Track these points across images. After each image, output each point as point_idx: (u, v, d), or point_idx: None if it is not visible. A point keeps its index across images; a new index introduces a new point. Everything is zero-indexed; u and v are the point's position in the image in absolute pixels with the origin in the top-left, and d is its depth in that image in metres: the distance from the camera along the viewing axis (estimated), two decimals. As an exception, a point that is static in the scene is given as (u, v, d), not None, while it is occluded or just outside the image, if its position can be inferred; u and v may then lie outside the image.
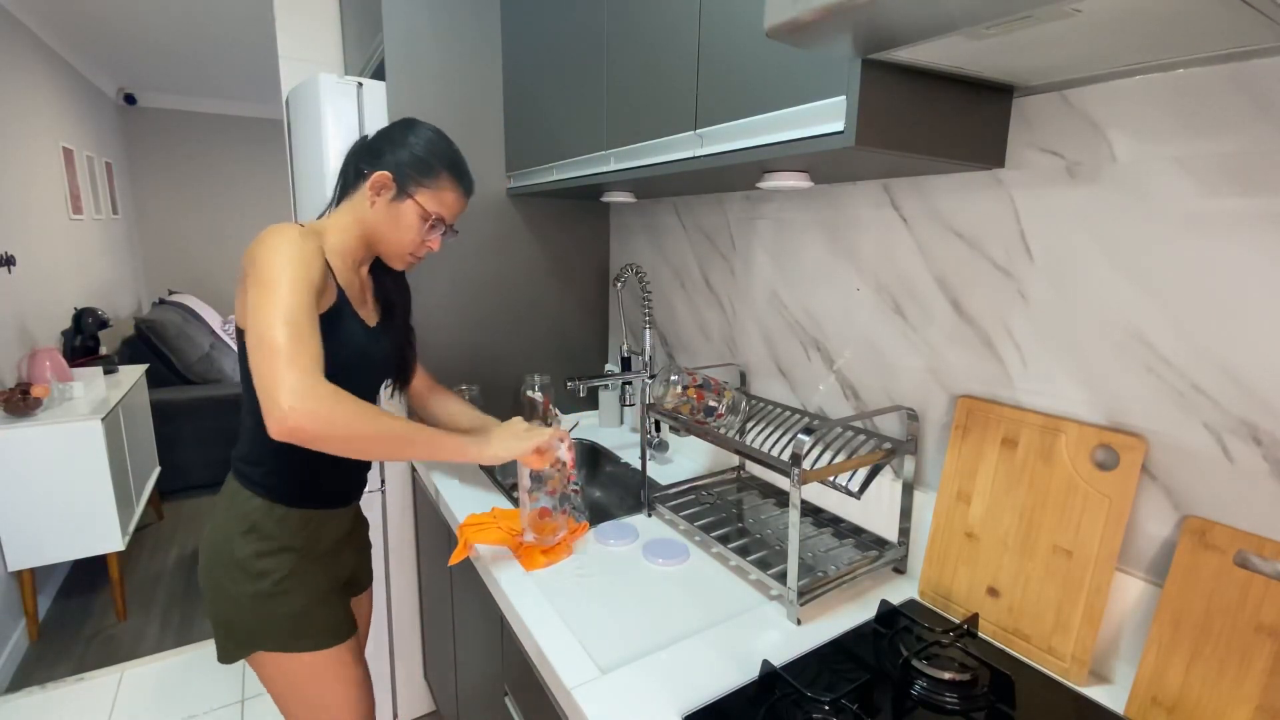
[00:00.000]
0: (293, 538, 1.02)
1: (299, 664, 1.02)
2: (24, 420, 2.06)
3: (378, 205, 1.02)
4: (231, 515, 1.01)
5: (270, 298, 0.83)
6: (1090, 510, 0.79)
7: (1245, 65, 0.66)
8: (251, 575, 0.99)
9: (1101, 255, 0.79)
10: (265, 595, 0.99)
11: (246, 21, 3.20)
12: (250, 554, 0.99)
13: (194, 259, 5.09)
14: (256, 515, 1.00)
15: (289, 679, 1.03)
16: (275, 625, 1.00)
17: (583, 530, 1.17)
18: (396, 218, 1.03)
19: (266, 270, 0.85)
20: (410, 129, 1.05)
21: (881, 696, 0.78)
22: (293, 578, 1.01)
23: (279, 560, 1.00)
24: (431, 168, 1.03)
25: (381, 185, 1.01)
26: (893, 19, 0.57)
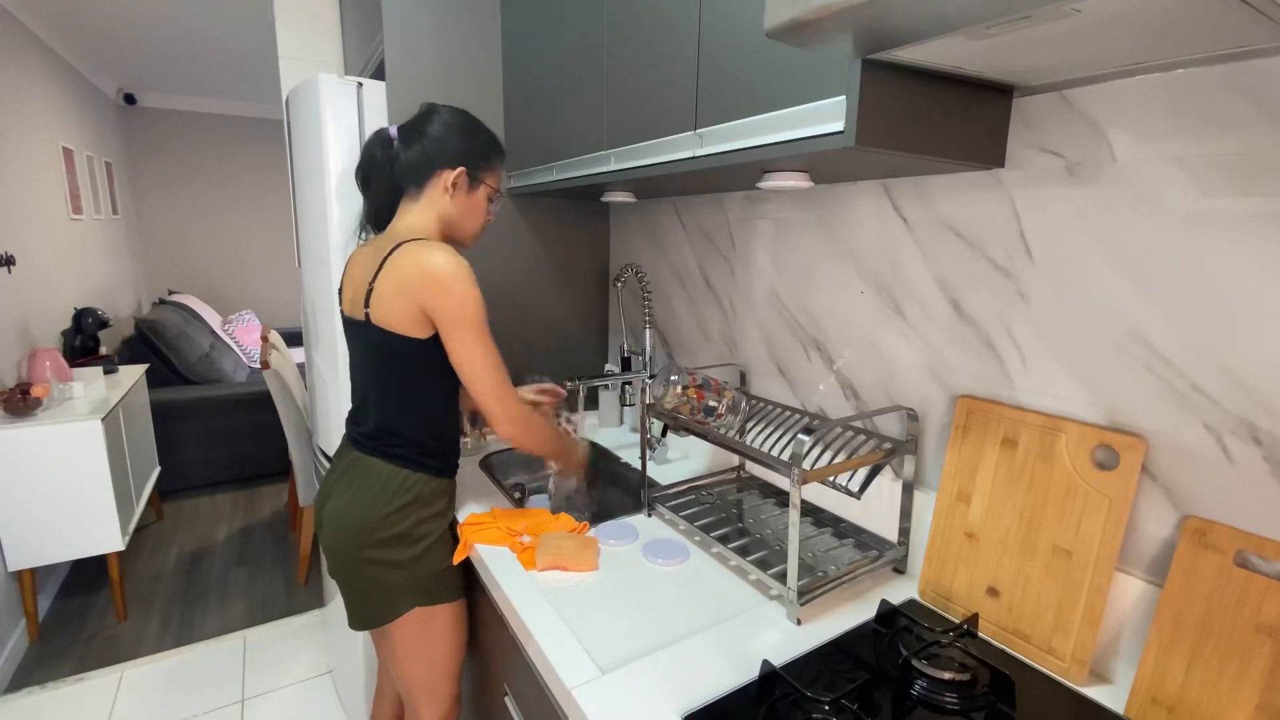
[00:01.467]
0: (444, 504, 1.16)
1: (441, 613, 1.14)
2: (24, 420, 2.06)
3: (456, 198, 1.12)
4: (386, 494, 1.09)
5: (478, 337, 1.03)
6: (1090, 510, 0.79)
7: (1245, 65, 0.66)
8: (413, 541, 1.10)
9: (1101, 255, 0.79)
10: (421, 556, 1.11)
11: (246, 21, 3.20)
12: (414, 522, 1.10)
13: (194, 259, 5.09)
14: (419, 488, 1.11)
15: (429, 629, 1.14)
16: (429, 580, 1.12)
17: (583, 530, 1.17)
18: (473, 205, 1.15)
19: (467, 308, 1.02)
20: (477, 128, 1.14)
21: (881, 696, 0.78)
22: (444, 538, 1.15)
23: (435, 524, 1.13)
24: (488, 154, 1.15)
25: (456, 179, 1.11)
26: (893, 19, 0.57)
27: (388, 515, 1.08)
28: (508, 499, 1.33)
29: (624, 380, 1.67)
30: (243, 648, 2.21)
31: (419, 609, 1.12)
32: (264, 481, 3.63)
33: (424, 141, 1.10)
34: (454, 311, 1.01)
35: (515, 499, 1.34)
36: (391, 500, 1.09)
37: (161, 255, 4.97)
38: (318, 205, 1.48)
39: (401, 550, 1.09)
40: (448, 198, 1.11)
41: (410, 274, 1.01)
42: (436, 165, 1.10)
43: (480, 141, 1.13)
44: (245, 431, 3.46)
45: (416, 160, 1.10)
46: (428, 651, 1.15)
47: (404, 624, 1.12)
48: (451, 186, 1.11)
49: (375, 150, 1.12)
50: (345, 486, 1.12)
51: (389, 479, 1.10)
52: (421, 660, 1.15)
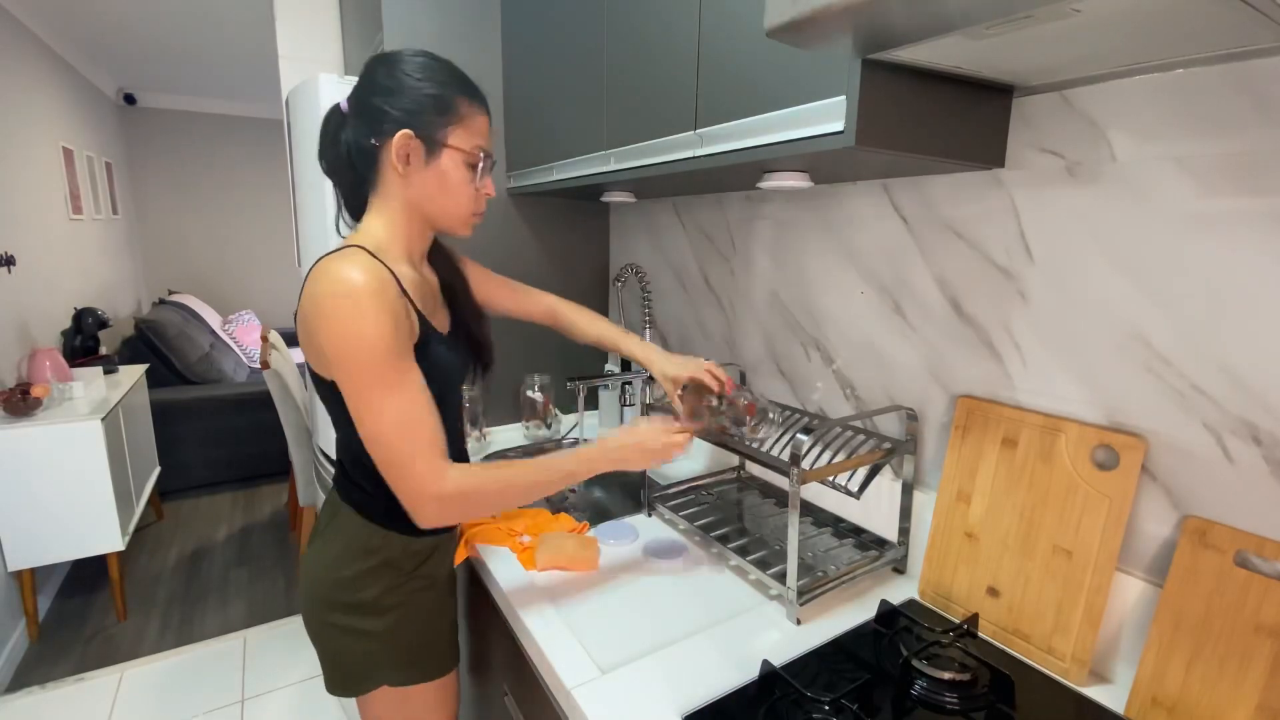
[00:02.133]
0: (421, 567, 0.96)
1: (417, 694, 0.97)
2: (24, 420, 2.06)
3: (411, 175, 0.85)
4: (354, 552, 0.91)
5: (370, 398, 0.76)
6: (1090, 510, 0.79)
7: (1245, 65, 0.66)
8: (381, 610, 0.92)
9: (1101, 255, 0.79)
10: (395, 629, 0.93)
11: (246, 21, 3.20)
12: (382, 590, 0.92)
13: (194, 259, 5.09)
14: (388, 551, 0.92)
15: (407, 709, 0.97)
16: (404, 658, 0.95)
17: (583, 530, 1.17)
18: (440, 179, 0.86)
19: (353, 356, 0.75)
20: (391, 65, 0.84)
21: (881, 696, 0.78)
22: (422, 608, 0.97)
23: (407, 592, 0.94)
24: (446, 99, 0.84)
25: (405, 149, 0.83)
26: (893, 19, 0.57)
27: (353, 577, 0.91)
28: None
29: (624, 380, 1.67)
30: (243, 648, 2.21)
31: (389, 688, 0.95)
32: (264, 481, 3.63)
33: (357, 106, 0.85)
34: (332, 351, 0.76)
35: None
36: (355, 561, 0.91)
37: (161, 255, 4.97)
38: (317, 205, 1.48)
39: (371, 620, 0.92)
40: (399, 177, 0.85)
41: (304, 303, 0.79)
42: (376, 135, 0.84)
43: (430, 88, 0.83)
44: (245, 431, 3.46)
45: (358, 137, 0.85)
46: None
47: (375, 701, 0.96)
48: (398, 161, 0.83)
49: (327, 130, 0.89)
50: (321, 535, 0.96)
51: (354, 535, 0.92)
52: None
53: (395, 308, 0.79)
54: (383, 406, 0.77)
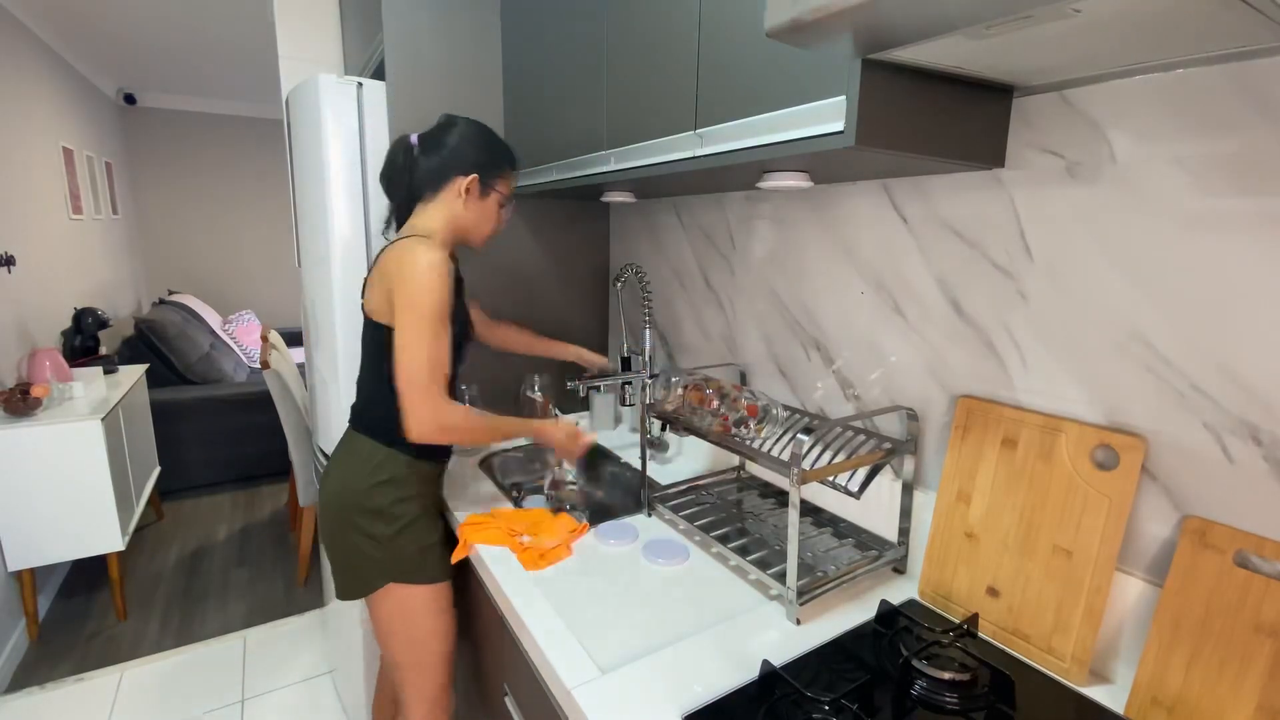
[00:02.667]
0: (422, 486, 1.18)
1: (417, 594, 1.16)
2: (24, 420, 2.06)
3: (469, 204, 1.19)
4: (367, 469, 1.15)
5: (420, 327, 1.04)
6: (1090, 510, 0.79)
7: (1245, 65, 0.66)
8: (388, 518, 1.14)
9: (1101, 255, 0.79)
10: (397, 535, 1.14)
11: (246, 21, 3.20)
12: (389, 500, 1.14)
13: (194, 259, 5.08)
14: (396, 468, 1.15)
15: (405, 608, 1.16)
16: (405, 560, 1.15)
17: (583, 530, 1.17)
18: (484, 211, 1.22)
19: (420, 296, 1.04)
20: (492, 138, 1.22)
21: (881, 696, 0.78)
22: (420, 520, 1.17)
23: (411, 505, 1.16)
24: (501, 163, 1.22)
25: (473, 187, 1.18)
26: (893, 19, 0.57)
27: (368, 488, 1.14)
28: (508, 499, 1.33)
29: (624, 380, 1.67)
30: (243, 648, 2.21)
31: (394, 585, 1.15)
32: (264, 481, 3.63)
33: (442, 152, 1.17)
34: (406, 297, 1.05)
35: (515, 499, 1.34)
36: (371, 474, 1.14)
37: (161, 255, 4.96)
38: (318, 205, 1.48)
39: (379, 525, 1.14)
40: (460, 202, 1.18)
41: (389, 265, 1.09)
42: (452, 173, 1.17)
43: (494, 152, 1.21)
44: (245, 431, 3.46)
45: (434, 169, 1.17)
46: (407, 630, 1.17)
47: (382, 600, 1.16)
48: (465, 192, 1.17)
49: (397, 156, 1.19)
50: (339, 459, 1.20)
51: (370, 453, 1.15)
52: (403, 638, 1.17)
53: (448, 279, 1.09)
54: (426, 344, 1.04)
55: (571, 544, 1.13)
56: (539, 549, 1.09)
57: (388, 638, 1.18)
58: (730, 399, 1.12)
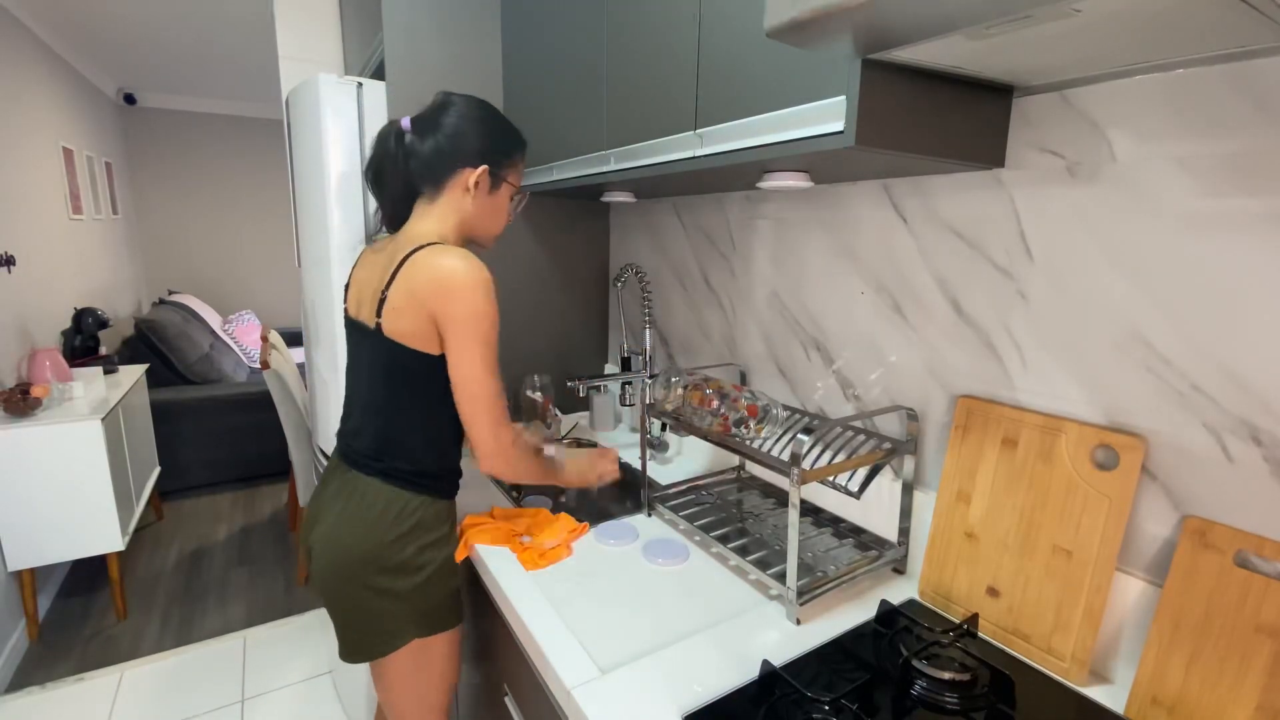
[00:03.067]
0: (445, 527, 1.08)
1: (439, 643, 1.08)
2: (24, 420, 2.06)
3: (477, 198, 1.04)
4: (386, 520, 1.01)
5: (482, 350, 0.95)
6: (1090, 510, 0.79)
7: (1245, 65, 0.66)
8: (412, 570, 1.02)
9: (1101, 255, 0.79)
10: (423, 585, 1.03)
11: (246, 21, 3.20)
12: (416, 549, 1.03)
13: (194, 259, 5.08)
14: (421, 513, 1.04)
15: (425, 659, 1.07)
16: (431, 611, 1.05)
17: (583, 530, 1.17)
18: (495, 204, 1.07)
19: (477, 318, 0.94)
20: (503, 122, 1.07)
21: (881, 696, 0.78)
22: (445, 564, 1.07)
23: (436, 551, 1.05)
24: (510, 149, 1.07)
25: (479, 179, 1.03)
26: (893, 19, 0.57)
27: (390, 542, 1.01)
28: (508, 499, 1.33)
29: (624, 380, 1.67)
30: (243, 648, 2.21)
31: (425, 638, 1.06)
32: (264, 481, 3.63)
33: (439, 136, 1.01)
34: (461, 319, 0.94)
35: (515, 499, 1.34)
36: (393, 526, 1.01)
37: (161, 255, 4.96)
38: (318, 205, 1.48)
39: (403, 579, 1.02)
40: (469, 199, 1.03)
41: (423, 280, 0.94)
42: (457, 164, 1.02)
43: (502, 136, 1.05)
44: (245, 431, 3.46)
45: (433, 157, 1.01)
46: (421, 682, 1.09)
47: (400, 655, 1.05)
48: (473, 186, 1.02)
49: (388, 144, 1.03)
50: (340, 509, 1.03)
51: (390, 502, 1.02)
52: (414, 692, 1.09)
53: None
54: (488, 366, 0.96)
55: (571, 544, 1.13)
56: (539, 549, 1.09)
57: (401, 691, 1.09)
58: (730, 399, 1.12)
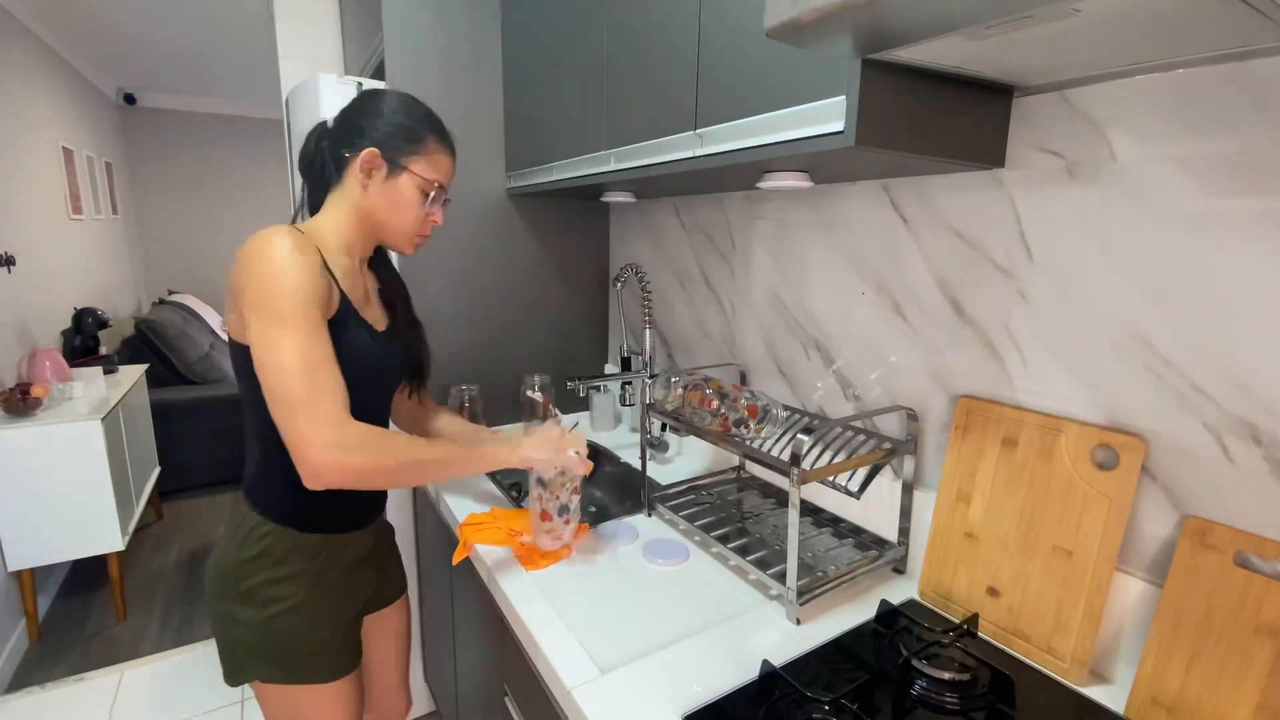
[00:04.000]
0: (305, 564, 0.96)
1: (298, 695, 0.97)
2: (24, 420, 2.06)
3: (371, 188, 0.95)
4: (239, 540, 0.94)
5: (278, 335, 0.79)
6: (1090, 510, 0.79)
7: (1245, 65, 0.66)
8: (258, 603, 0.93)
9: (1101, 255, 0.79)
10: (270, 624, 0.93)
11: (246, 21, 3.20)
12: (259, 581, 0.93)
13: (194, 259, 5.09)
14: (267, 541, 0.93)
15: (285, 709, 0.99)
16: (278, 655, 0.95)
17: (583, 530, 1.17)
18: (395, 197, 0.96)
19: (268, 296, 0.80)
20: (377, 98, 0.98)
21: (881, 696, 0.78)
22: (303, 607, 0.95)
23: (288, 588, 0.94)
24: (417, 132, 0.96)
25: (371, 165, 0.94)
26: (893, 19, 0.57)
27: (236, 564, 0.94)
28: (508, 499, 1.33)
29: (624, 380, 1.67)
30: (243, 648, 2.21)
31: (274, 685, 0.96)
32: (264, 481, 3.63)
33: (340, 122, 0.97)
34: (251, 292, 0.81)
35: (515, 499, 1.34)
36: (241, 548, 0.94)
37: (161, 255, 4.97)
38: (318, 205, 1.48)
39: (248, 610, 0.93)
40: (360, 186, 0.95)
41: (232, 270, 0.84)
42: (345, 146, 0.95)
43: (404, 121, 0.96)
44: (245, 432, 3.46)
45: (331, 142, 0.97)
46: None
47: (263, 694, 0.97)
48: (363, 172, 0.94)
49: (311, 138, 1.00)
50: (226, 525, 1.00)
51: (242, 523, 0.95)
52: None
53: (313, 269, 0.84)
54: (288, 346, 0.79)
55: (572, 543, 1.13)
56: (542, 548, 1.09)
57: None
58: (730, 399, 1.13)
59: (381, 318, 1.05)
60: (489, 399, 1.71)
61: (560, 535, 1.09)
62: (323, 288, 0.86)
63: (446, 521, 1.34)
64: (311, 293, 0.83)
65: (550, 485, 1.07)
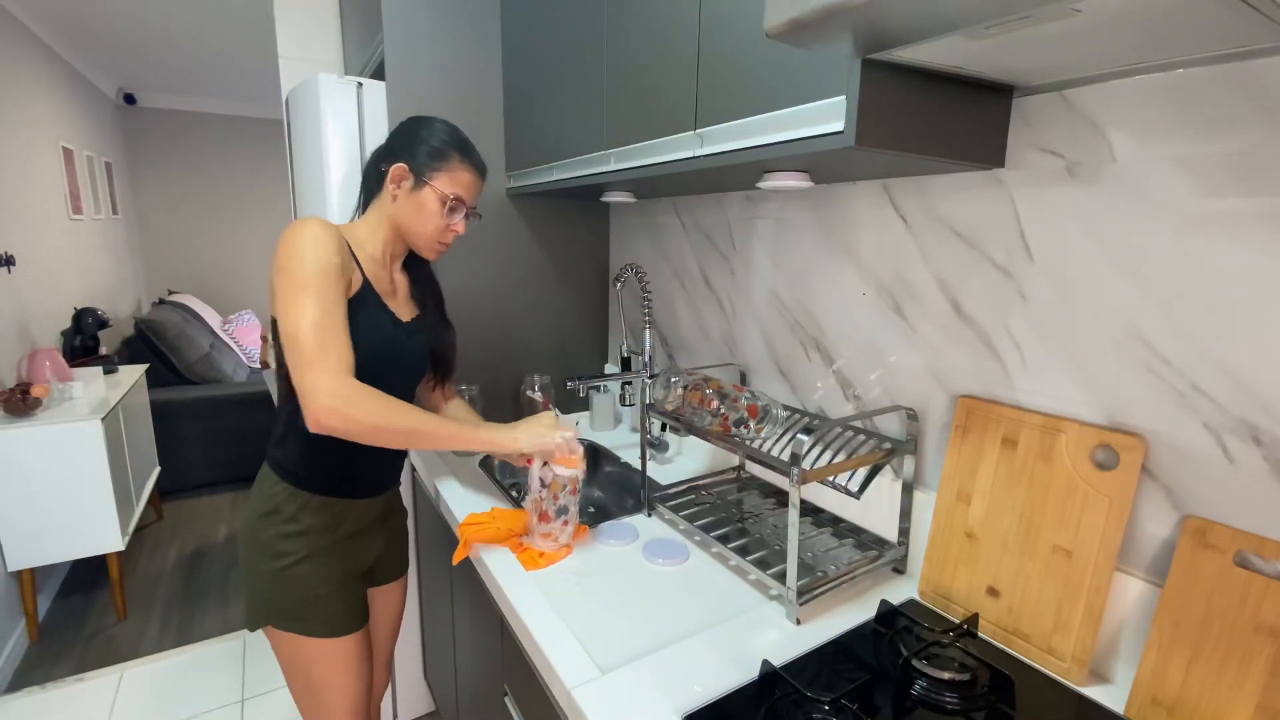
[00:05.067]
0: (310, 523, 1.06)
1: (304, 645, 1.07)
2: (24, 420, 2.06)
3: (400, 198, 1.08)
4: (259, 497, 1.07)
5: (297, 295, 0.90)
6: (1090, 510, 0.79)
7: (1245, 65, 0.66)
8: (271, 555, 1.04)
9: (1101, 255, 0.79)
10: (281, 575, 1.04)
11: (246, 21, 3.20)
12: (272, 535, 1.04)
13: (194, 259, 5.08)
14: (279, 499, 1.05)
15: (293, 657, 1.08)
16: (288, 606, 1.05)
17: (582, 531, 1.17)
18: (418, 206, 1.08)
19: (290, 263, 0.91)
20: (420, 123, 1.11)
21: (881, 696, 0.78)
22: (308, 561, 1.05)
23: (296, 544, 1.05)
24: (442, 152, 1.08)
25: (400, 177, 1.07)
26: (892, 19, 0.57)
27: (255, 518, 1.06)
28: (508, 499, 1.33)
29: (624, 380, 1.67)
30: (243, 648, 2.21)
31: (285, 632, 1.05)
32: (264, 481, 3.63)
33: (386, 142, 1.12)
34: (278, 267, 0.93)
35: (515, 499, 1.34)
36: (258, 504, 1.06)
37: (161, 255, 4.96)
38: (318, 205, 1.48)
39: (263, 561, 1.05)
40: (390, 197, 1.09)
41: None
42: (379, 162, 1.11)
43: (429, 138, 1.08)
44: (245, 431, 3.46)
45: (376, 160, 1.12)
46: (299, 679, 1.09)
47: (276, 640, 1.07)
48: (394, 184, 1.08)
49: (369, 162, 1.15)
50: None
51: (261, 480, 1.08)
52: (296, 686, 1.10)
53: (332, 247, 0.95)
54: (306, 308, 0.90)
55: (571, 544, 1.13)
56: (539, 549, 1.09)
57: (288, 680, 1.11)
58: (730, 399, 1.12)
59: (408, 310, 1.16)
60: (489, 399, 1.71)
61: (557, 537, 1.10)
62: (341, 265, 0.96)
63: (446, 521, 1.34)
64: (328, 265, 0.93)
65: (550, 486, 1.08)
